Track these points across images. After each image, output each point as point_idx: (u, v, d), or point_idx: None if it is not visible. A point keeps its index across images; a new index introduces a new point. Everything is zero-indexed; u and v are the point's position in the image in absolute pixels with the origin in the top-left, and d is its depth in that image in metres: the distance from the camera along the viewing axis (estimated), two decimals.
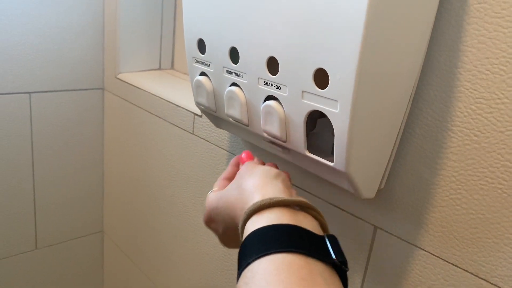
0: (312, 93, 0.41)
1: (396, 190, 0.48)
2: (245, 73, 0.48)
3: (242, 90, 0.49)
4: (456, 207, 0.43)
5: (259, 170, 0.41)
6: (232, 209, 0.39)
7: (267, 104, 0.46)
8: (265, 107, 0.46)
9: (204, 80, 0.54)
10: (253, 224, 0.33)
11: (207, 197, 0.45)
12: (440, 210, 0.45)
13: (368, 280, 0.53)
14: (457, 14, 0.40)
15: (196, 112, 0.77)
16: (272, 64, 0.44)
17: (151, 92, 0.88)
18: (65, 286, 1.16)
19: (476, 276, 0.43)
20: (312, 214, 0.35)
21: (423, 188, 0.46)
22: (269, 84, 0.45)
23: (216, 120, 0.62)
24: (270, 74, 0.45)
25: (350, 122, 0.38)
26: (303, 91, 0.42)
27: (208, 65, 0.53)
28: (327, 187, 0.55)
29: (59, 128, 1.02)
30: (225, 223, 0.42)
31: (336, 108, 0.39)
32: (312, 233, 0.32)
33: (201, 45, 0.54)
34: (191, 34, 0.54)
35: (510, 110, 0.38)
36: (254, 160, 0.48)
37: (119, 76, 0.98)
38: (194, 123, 0.78)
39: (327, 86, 0.39)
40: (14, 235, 1.03)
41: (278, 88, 0.44)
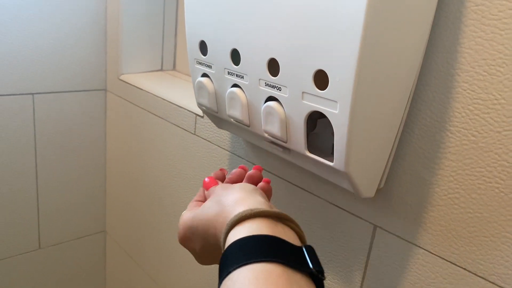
0: (312, 94, 0.41)
1: (395, 190, 0.49)
2: (246, 74, 0.48)
3: (243, 91, 0.50)
4: (454, 206, 0.44)
5: (237, 185, 0.42)
6: (212, 225, 0.39)
7: (268, 105, 0.47)
8: (266, 108, 0.47)
9: (206, 81, 0.55)
10: (234, 234, 0.34)
11: (181, 216, 0.45)
12: (439, 209, 0.45)
13: (367, 278, 0.53)
14: (454, 17, 0.41)
15: (198, 113, 0.77)
16: (273, 66, 0.45)
17: (153, 93, 0.88)
18: (68, 285, 1.17)
19: (474, 274, 0.43)
20: (290, 225, 0.36)
21: (422, 188, 0.46)
22: (269, 85, 0.46)
23: (217, 120, 0.63)
24: (270, 76, 0.45)
25: (349, 122, 0.39)
26: (303, 92, 0.42)
27: (209, 66, 0.54)
28: (327, 187, 0.56)
29: (62, 128, 1.02)
30: (203, 240, 0.42)
31: (336, 109, 0.40)
32: (291, 244, 0.33)
33: (203, 47, 0.54)
34: (193, 36, 0.55)
35: (507, 110, 0.39)
36: (220, 185, 0.48)
37: (122, 77, 0.99)
38: (195, 123, 0.78)
39: (327, 87, 0.40)
40: (18, 234, 1.04)
41: (279, 89, 0.45)
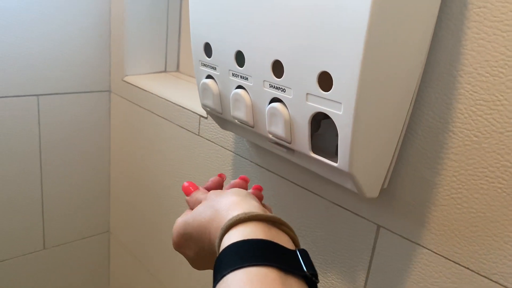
0: (316, 95, 0.42)
1: (399, 190, 0.49)
2: (250, 76, 0.49)
3: (247, 92, 0.51)
4: (457, 206, 0.44)
5: (230, 190, 0.42)
6: (206, 230, 0.39)
7: (272, 106, 0.47)
8: (270, 109, 0.47)
9: (210, 83, 0.56)
10: (229, 238, 0.34)
11: (175, 222, 0.45)
12: (442, 209, 0.46)
13: (371, 278, 0.54)
14: (456, 19, 0.41)
15: (202, 114, 0.78)
16: (277, 67, 0.45)
17: (157, 94, 0.89)
18: (72, 285, 1.18)
19: (477, 273, 0.44)
20: (284, 229, 0.36)
21: (425, 188, 0.47)
22: (274, 87, 0.46)
23: (221, 121, 0.63)
24: (275, 77, 0.46)
25: (353, 123, 0.39)
26: (307, 93, 0.43)
27: (214, 68, 0.54)
28: (331, 187, 0.56)
29: (67, 129, 1.03)
30: (197, 246, 0.42)
31: (340, 110, 0.40)
32: (285, 247, 0.33)
33: (207, 49, 0.55)
34: (197, 38, 0.55)
35: (509, 111, 0.39)
36: (200, 189, 0.49)
37: (126, 79, 0.99)
38: (199, 124, 0.79)
39: (331, 88, 0.40)
40: (23, 235, 1.04)
41: (283, 90, 0.45)
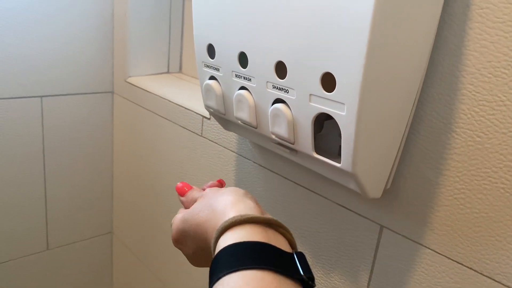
0: (320, 96, 0.42)
1: (402, 190, 0.49)
2: (253, 77, 0.49)
3: (250, 93, 0.51)
4: (460, 206, 0.44)
5: (228, 190, 0.42)
6: (203, 230, 0.39)
7: (275, 107, 0.47)
8: (273, 110, 0.48)
9: (213, 84, 0.56)
10: (225, 240, 0.34)
11: (174, 218, 0.45)
12: (445, 209, 0.46)
13: (374, 278, 0.54)
14: (459, 19, 0.41)
15: (205, 115, 0.78)
16: (280, 68, 0.45)
17: (160, 95, 0.89)
18: (75, 286, 1.18)
19: (480, 273, 0.44)
20: (281, 231, 0.36)
21: (428, 188, 0.47)
22: (277, 88, 0.47)
23: (224, 122, 0.63)
24: (278, 78, 0.46)
25: (356, 124, 0.39)
26: (310, 94, 0.43)
27: (217, 69, 0.55)
28: (334, 188, 0.57)
29: (70, 130, 1.04)
30: (195, 244, 0.42)
31: (343, 110, 0.40)
32: (281, 250, 0.33)
33: (210, 50, 0.55)
34: (201, 39, 0.56)
35: None
36: (195, 188, 0.49)
37: (129, 80, 1.00)
38: (202, 125, 0.79)
39: (334, 89, 0.40)
40: (26, 236, 1.05)
41: (286, 91, 0.46)
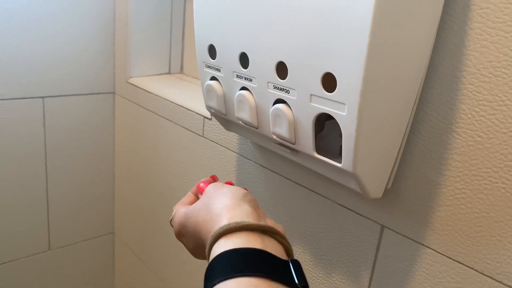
0: (320, 96, 0.42)
1: (403, 190, 0.49)
2: (254, 77, 0.49)
3: (251, 94, 0.51)
4: (461, 206, 0.44)
5: (227, 191, 0.41)
6: (201, 230, 0.40)
7: (276, 107, 0.47)
8: (274, 110, 0.48)
9: (214, 84, 0.56)
10: (219, 247, 0.34)
11: (177, 211, 0.45)
12: (446, 209, 0.46)
13: (375, 278, 0.54)
14: (459, 20, 0.42)
15: (206, 115, 0.78)
16: (281, 69, 0.46)
17: (161, 96, 0.90)
18: (76, 286, 1.18)
19: (481, 273, 0.44)
20: (277, 239, 0.36)
21: (429, 188, 0.47)
22: (278, 88, 0.47)
23: (226, 123, 0.63)
24: (279, 79, 0.46)
25: (357, 124, 0.40)
26: (311, 94, 0.43)
27: (218, 70, 0.55)
28: (334, 188, 0.57)
29: (72, 131, 1.04)
30: (194, 241, 0.42)
31: (344, 111, 0.40)
32: (276, 257, 0.33)
33: (211, 51, 0.55)
34: (202, 40, 0.56)
35: None
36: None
37: (130, 81, 1.00)
38: (204, 126, 0.79)
39: (335, 89, 0.40)
40: (28, 236, 1.05)
41: (287, 91, 0.46)
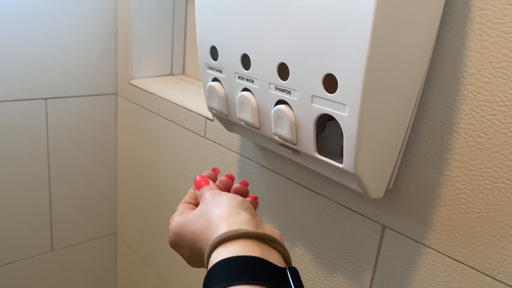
0: (322, 97, 0.42)
1: (404, 190, 0.49)
2: (256, 78, 0.50)
3: (253, 95, 0.51)
4: (461, 206, 0.45)
5: (225, 199, 0.41)
6: (198, 239, 0.40)
7: (277, 108, 0.48)
8: (276, 111, 0.48)
9: (216, 85, 0.56)
10: (217, 255, 0.34)
11: (172, 220, 0.45)
12: (446, 209, 0.46)
13: (377, 278, 0.54)
14: (460, 21, 0.42)
15: (208, 116, 0.79)
16: (283, 70, 0.46)
17: (163, 97, 0.90)
18: (79, 287, 1.18)
19: (481, 272, 0.44)
20: (274, 246, 0.36)
21: (430, 188, 0.47)
22: (279, 89, 0.47)
23: (227, 123, 0.64)
24: (280, 80, 0.46)
25: (358, 125, 0.40)
26: (312, 95, 0.43)
27: (220, 71, 0.55)
28: (336, 188, 0.57)
29: (74, 132, 1.04)
30: (191, 250, 0.42)
31: (345, 111, 0.40)
32: (274, 265, 0.33)
33: (213, 52, 0.55)
34: (204, 41, 0.56)
35: None
36: (211, 185, 0.47)
37: (132, 82, 1.00)
38: (205, 126, 0.80)
39: (336, 90, 0.41)
40: (31, 237, 1.05)
41: (289, 92, 0.46)
